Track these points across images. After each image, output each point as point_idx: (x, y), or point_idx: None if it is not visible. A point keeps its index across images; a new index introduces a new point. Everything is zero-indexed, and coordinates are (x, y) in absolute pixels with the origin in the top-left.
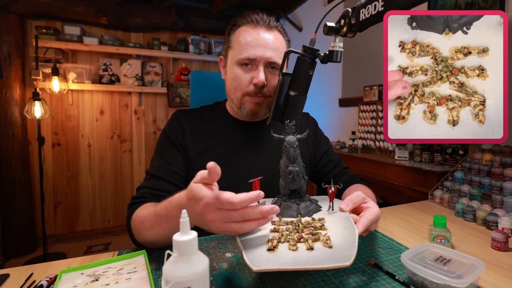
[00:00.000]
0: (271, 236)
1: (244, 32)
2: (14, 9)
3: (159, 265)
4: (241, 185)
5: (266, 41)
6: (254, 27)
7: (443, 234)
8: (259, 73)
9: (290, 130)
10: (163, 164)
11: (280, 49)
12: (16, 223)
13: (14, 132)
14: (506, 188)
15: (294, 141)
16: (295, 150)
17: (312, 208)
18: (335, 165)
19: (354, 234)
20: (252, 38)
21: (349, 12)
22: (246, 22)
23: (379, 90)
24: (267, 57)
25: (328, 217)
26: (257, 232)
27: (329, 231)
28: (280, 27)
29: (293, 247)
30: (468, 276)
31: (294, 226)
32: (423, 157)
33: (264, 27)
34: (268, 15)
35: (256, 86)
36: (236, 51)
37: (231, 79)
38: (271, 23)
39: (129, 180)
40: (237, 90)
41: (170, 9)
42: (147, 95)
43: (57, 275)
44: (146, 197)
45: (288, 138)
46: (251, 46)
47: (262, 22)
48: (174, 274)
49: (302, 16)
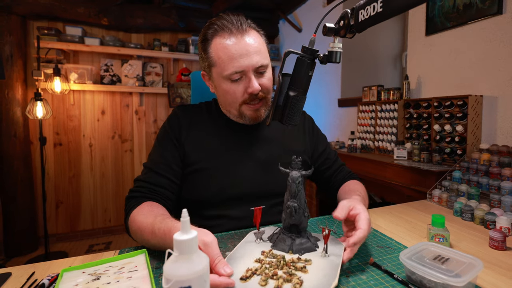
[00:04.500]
0: (251, 266)
1: (221, 45)
2: (16, 10)
3: (160, 264)
4: (236, 181)
5: (246, 47)
6: (229, 36)
7: (442, 233)
8: (252, 82)
9: (296, 166)
10: (160, 159)
11: (262, 49)
12: (18, 222)
13: (16, 132)
14: (503, 188)
15: (297, 176)
16: (297, 186)
17: (306, 246)
18: (332, 162)
19: (330, 285)
20: (233, 50)
21: (348, 13)
22: (216, 33)
23: (378, 90)
24: (254, 64)
25: (317, 260)
26: (244, 257)
27: (307, 275)
28: (252, 23)
29: (263, 282)
30: (466, 275)
31: (277, 261)
32: (421, 157)
33: (238, 32)
34: (235, 15)
35: (251, 94)
36: (220, 68)
37: (223, 94)
38: (243, 25)
39: (130, 180)
40: (232, 103)
41: (170, 10)
42: (148, 95)
43: (58, 274)
44: (143, 191)
45: (292, 173)
46: (234, 58)
47: (234, 27)
48: (175, 273)
49: (301, 17)
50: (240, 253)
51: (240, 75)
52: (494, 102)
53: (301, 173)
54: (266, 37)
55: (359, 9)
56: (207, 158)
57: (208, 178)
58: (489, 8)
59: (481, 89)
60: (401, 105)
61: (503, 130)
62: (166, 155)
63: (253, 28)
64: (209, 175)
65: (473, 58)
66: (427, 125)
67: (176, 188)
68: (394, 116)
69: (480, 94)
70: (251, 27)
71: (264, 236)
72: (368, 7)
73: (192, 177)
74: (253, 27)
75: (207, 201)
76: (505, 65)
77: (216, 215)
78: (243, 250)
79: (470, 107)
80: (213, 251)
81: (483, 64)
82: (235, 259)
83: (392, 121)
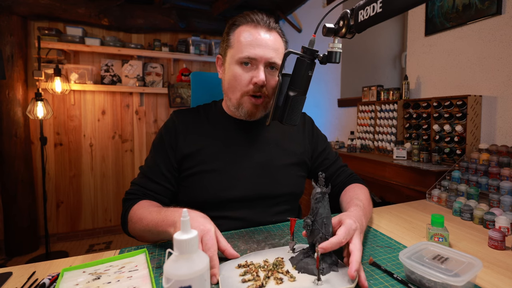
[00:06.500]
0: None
1: (245, 31)
2: (17, 10)
3: (160, 263)
4: (235, 183)
5: (267, 41)
6: (255, 27)
7: (441, 233)
8: (260, 73)
9: (321, 183)
10: (154, 166)
11: (280, 50)
12: (18, 222)
13: (17, 132)
14: (503, 187)
15: (315, 193)
16: (315, 202)
17: (310, 267)
18: (331, 163)
19: None
20: (253, 38)
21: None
22: (246, 22)
23: (377, 90)
24: (268, 57)
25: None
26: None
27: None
28: (279, 29)
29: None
30: (465, 274)
31: (266, 267)
32: (421, 157)
33: (265, 27)
34: (267, 16)
35: (255, 85)
36: (236, 50)
37: (230, 78)
38: (271, 24)
39: (130, 180)
40: (236, 89)
41: (171, 11)
42: (148, 95)
43: (59, 273)
44: (138, 194)
45: (314, 190)
46: (252, 45)
47: (262, 22)
48: (175, 272)
49: (301, 18)
50: None
51: (251, 62)
52: (493, 102)
53: (320, 190)
54: (287, 46)
55: (358, 10)
56: (206, 161)
57: (207, 180)
58: (488, 8)
59: (480, 89)
60: (400, 105)
61: (502, 130)
62: (159, 161)
63: (278, 33)
64: (208, 177)
65: (473, 58)
66: (427, 125)
67: (169, 192)
68: (394, 116)
69: (479, 94)
70: (277, 31)
71: (297, 246)
72: (368, 7)
73: (192, 179)
74: (279, 32)
75: (206, 203)
76: (504, 65)
77: (215, 216)
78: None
79: (469, 107)
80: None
81: (483, 64)
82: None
83: (391, 121)
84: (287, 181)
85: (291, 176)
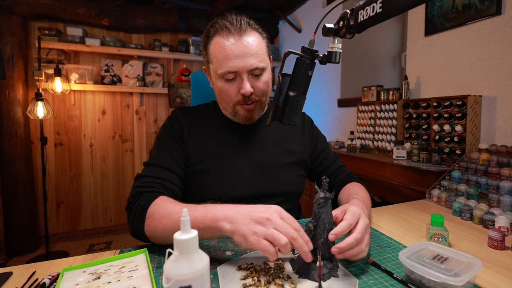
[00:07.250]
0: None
1: (218, 44)
2: (17, 10)
3: (160, 263)
4: (237, 183)
5: (243, 49)
6: (227, 36)
7: (441, 233)
8: (244, 84)
9: (324, 187)
10: (166, 156)
11: (259, 51)
12: (19, 222)
13: (17, 132)
14: (502, 187)
15: (317, 198)
16: (317, 207)
17: (310, 273)
18: (330, 163)
19: None
20: (228, 50)
21: (348, 14)
22: (218, 32)
23: (377, 90)
24: (248, 65)
25: None
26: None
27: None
28: (254, 25)
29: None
30: (465, 274)
31: (267, 270)
32: (420, 157)
33: (237, 33)
34: (237, 15)
35: (243, 96)
36: (215, 65)
37: (218, 92)
38: (242, 25)
39: (130, 180)
40: (227, 102)
41: (171, 11)
42: (148, 95)
43: (59, 273)
44: (154, 186)
45: (317, 194)
46: (229, 58)
47: (233, 28)
48: (175, 272)
49: (301, 18)
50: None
51: (234, 75)
52: (493, 102)
53: (324, 195)
54: (268, 39)
55: (358, 10)
56: (206, 160)
57: (207, 180)
58: (488, 8)
59: (480, 89)
60: (400, 105)
61: (502, 130)
62: (171, 152)
63: (254, 29)
64: (208, 176)
65: (472, 59)
66: (426, 125)
67: (182, 186)
68: (394, 116)
69: (479, 94)
70: (252, 28)
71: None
72: (368, 7)
73: (192, 178)
74: (255, 28)
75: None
76: (504, 65)
77: None
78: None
79: (469, 107)
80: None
81: (482, 64)
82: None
83: (391, 121)
84: (287, 180)
85: (291, 175)
